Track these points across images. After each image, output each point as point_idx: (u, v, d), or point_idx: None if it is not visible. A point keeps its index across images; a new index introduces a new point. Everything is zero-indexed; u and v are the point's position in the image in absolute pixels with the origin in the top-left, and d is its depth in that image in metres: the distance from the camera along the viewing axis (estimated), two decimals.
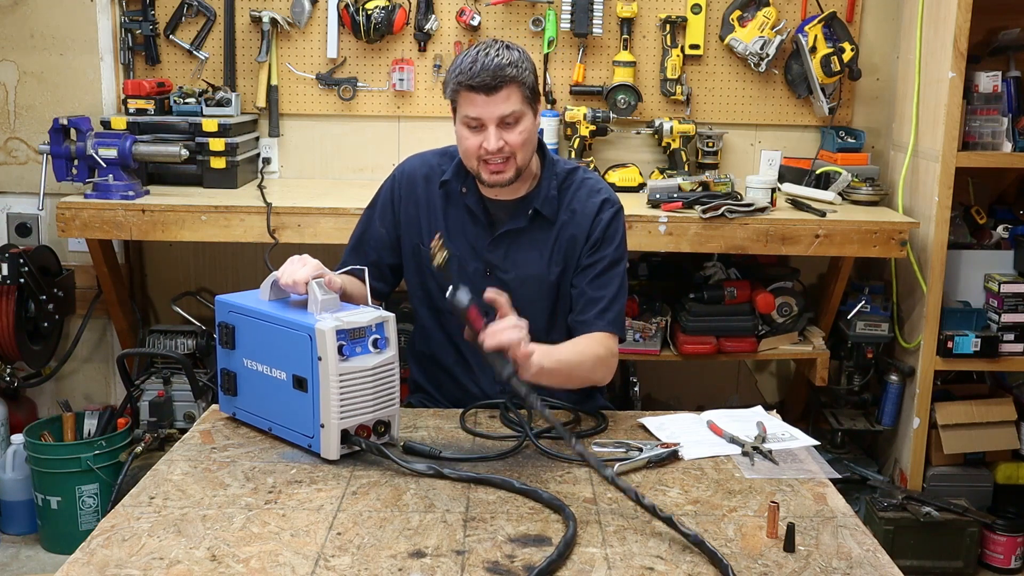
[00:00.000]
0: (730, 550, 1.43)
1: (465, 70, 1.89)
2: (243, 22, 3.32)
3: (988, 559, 3.03)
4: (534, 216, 2.04)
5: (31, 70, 3.33)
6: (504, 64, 1.89)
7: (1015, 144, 2.99)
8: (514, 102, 1.91)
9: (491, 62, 1.88)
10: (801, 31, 3.25)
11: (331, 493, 1.59)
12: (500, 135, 1.92)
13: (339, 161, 3.44)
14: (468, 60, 1.90)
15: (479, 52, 1.91)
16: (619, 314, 2.04)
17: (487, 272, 2.07)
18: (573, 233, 2.04)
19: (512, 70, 1.89)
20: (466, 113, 1.93)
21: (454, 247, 2.07)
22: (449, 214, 2.08)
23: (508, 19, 3.31)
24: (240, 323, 1.81)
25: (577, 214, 2.04)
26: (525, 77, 1.92)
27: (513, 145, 1.93)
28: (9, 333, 3.13)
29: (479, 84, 1.88)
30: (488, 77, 1.87)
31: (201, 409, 2.96)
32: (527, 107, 1.94)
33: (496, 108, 1.90)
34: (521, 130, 1.93)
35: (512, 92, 1.90)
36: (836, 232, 2.92)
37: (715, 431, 1.89)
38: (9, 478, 3.19)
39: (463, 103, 1.93)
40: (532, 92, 1.95)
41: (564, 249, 2.05)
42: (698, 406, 2.15)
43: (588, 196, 2.06)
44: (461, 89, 1.91)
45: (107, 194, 2.93)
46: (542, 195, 2.04)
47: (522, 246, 2.06)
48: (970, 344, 3.01)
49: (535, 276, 2.06)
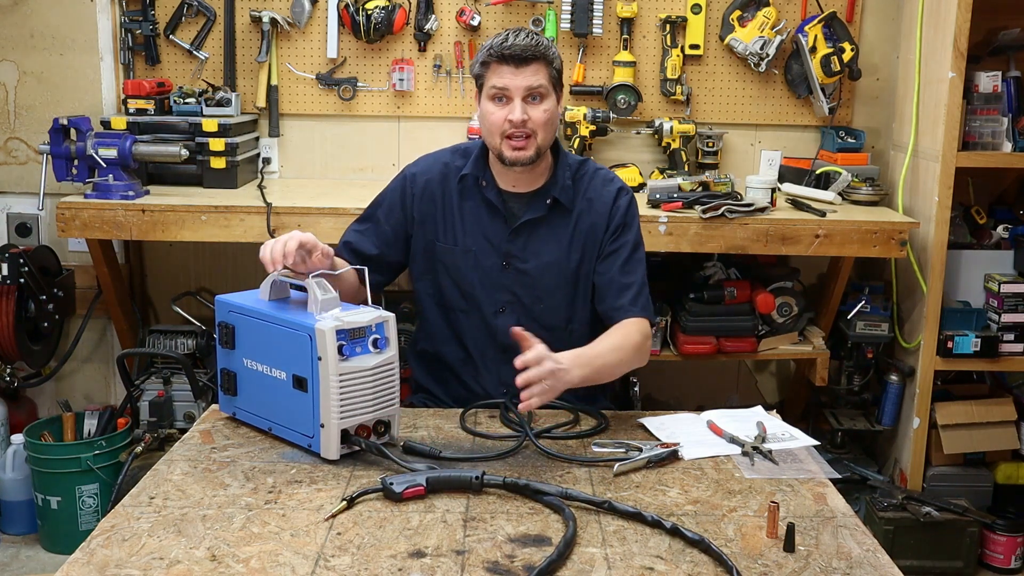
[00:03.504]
0: (730, 550, 1.43)
1: (497, 44, 1.98)
2: (243, 22, 3.32)
3: (988, 559, 3.03)
4: (553, 205, 2.08)
5: (31, 70, 3.33)
6: (535, 43, 1.98)
7: (1015, 144, 2.99)
8: (542, 77, 1.99)
9: (523, 39, 1.98)
10: (801, 31, 3.25)
11: (331, 493, 1.59)
12: (525, 108, 1.98)
13: (339, 161, 3.44)
14: (500, 38, 1.99)
15: (510, 32, 2.01)
16: (648, 298, 2.10)
17: (504, 264, 2.10)
18: (593, 221, 2.09)
19: (543, 48, 1.99)
20: (493, 84, 1.99)
21: (470, 241, 2.10)
22: (465, 208, 2.11)
23: (508, 19, 3.31)
24: (240, 323, 1.81)
25: (595, 202, 2.10)
26: (553, 58, 2.01)
27: (536, 122, 1.99)
28: (9, 333, 3.13)
29: (510, 55, 1.96)
30: (520, 49, 1.96)
31: (201, 409, 2.96)
32: (552, 88, 2.02)
33: (524, 79, 1.97)
34: (545, 108, 2.00)
35: (541, 68, 1.99)
36: (836, 232, 2.92)
37: (715, 431, 1.89)
38: (9, 478, 3.19)
39: (491, 75, 1.99)
40: (558, 75, 2.03)
41: (584, 237, 2.09)
42: (698, 406, 2.15)
43: (603, 185, 2.12)
44: (492, 61, 1.98)
45: (107, 194, 2.93)
46: (559, 184, 2.09)
47: (541, 236, 2.09)
48: (970, 344, 3.01)
49: (554, 264, 2.09)
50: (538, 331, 1.98)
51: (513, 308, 2.11)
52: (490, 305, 2.11)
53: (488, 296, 2.11)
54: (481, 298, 2.11)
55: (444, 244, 2.12)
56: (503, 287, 2.10)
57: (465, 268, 2.11)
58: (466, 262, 2.10)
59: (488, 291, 2.11)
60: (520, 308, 2.11)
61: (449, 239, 2.11)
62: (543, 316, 2.10)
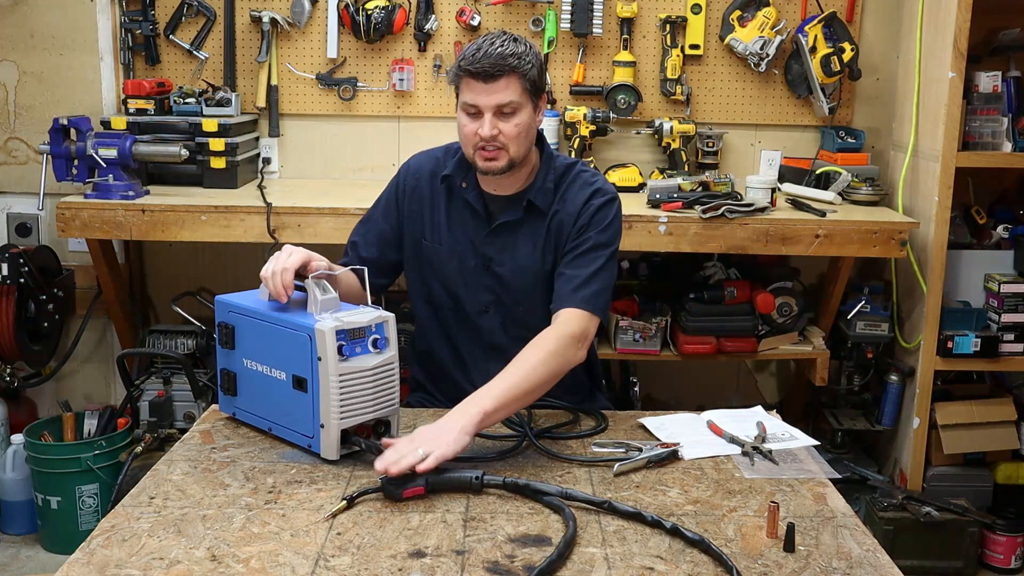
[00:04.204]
0: (730, 550, 1.43)
1: (468, 56, 1.92)
2: (243, 22, 3.32)
3: (988, 559, 3.03)
4: (528, 207, 2.05)
5: (31, 70, 3.33)
6: (506, 54, 1.90)
7: (1015, 144, 2.99)
8: (512, 92, 1.92)
9: (494, 51, 1.90)
10: (801, 31, 3.25)
11: (331, 493, 1.59)
12: (495, 123, 1.93)
13: (339, 161, 3.44)
14: (472, 48, 1.93)
15: (484, 41, 1.93)
16: (596, 293, 1.97)
17: (484, 266, 2.08)
18: (562, 219, 2.04)
19: (514, 60, 1.91)
20: (465, 99, 1.94)
21: (454, 242, 2.08)
22: (451, 209, 2.10)
23: (508, 19, 3.31)
24: (240, 323, 1.81)
25: (567, 203, 2.05)
26: (526, 69, 1.93)
27: (507, 135, 1.94)
28: (9, 333, 3.13)
29: (478, 71, 1.90)
30: (488, 65, 1.89)
31: (201, 409, 2.97)
32: (526, 99, 1.95)
33: (493, 97, 1.91)
34: (517, 122, 1.94)
35: (511, 83, 1.91)
36: (836, 232, 2.92)
37: (715, 431, 1.89)
38: (9, 478, 3.19)
39: (464, 89, 1.95)
40: (533, 85, 1.95)
41: (555, 238, 2.05)
42: (698, 406, 2.15)
43: (581, 188, 2.06)
44: (462, 74, 1.93)
45: (107, 194, 2.93)
46: (536, 187, 2.05)
47: (517, 239, 2.06)
48: (970, 344, 3.01)
49: (529, 268, 2.06)
50: (521, 332, 1.99)
51: (496, 309, 2.10)
52: (473, 305, 2.10)
53: (471, 296, 2.10)
54: (465, 298, 2.10)
55: (430, 243, 2.11)
56: (485, 288, 2.09)
57: (450, 268, 2.09)
58: (451, 262, 2.09)
59: (472, 291, 2.09)
60: (502, 309, 2.09)
61: (435, 238, 2.10)
62: (524, 317, 2.08)
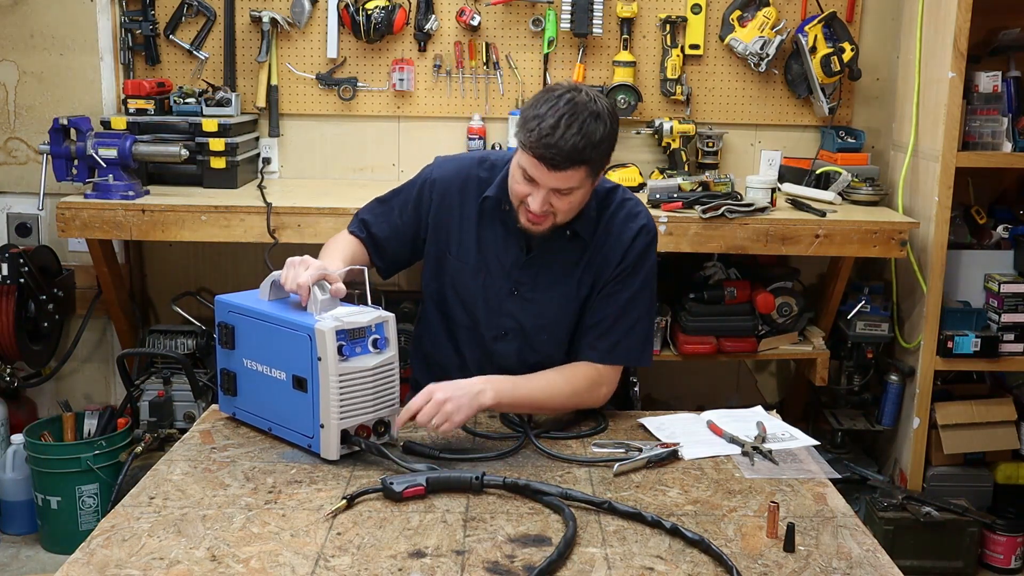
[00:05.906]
0: (730, 550, 1.43)
1: (542, 136, 1.75)
2: (243, 22, 3.32)
3: (988, 559, 3.03)
4: (572, 237, 1.98)
5: (31, 70, 3.33)
6: (581, 148, 1.76)
7: (1015, 144, 2.99)
8: (574, 180, 1.81)
9: (568, 142, 1.75)
10: (801, 31, 3.25)
11: (331, 493, 1.59)
12: (548, 199, 1.84)
13: (339, 161, 3.44)
14: (548, 125, 1.75)
15: (563, 119, 1.75)
16: (630, 347, 1.98)
17: (513, 291, 2.02)
18: (606, 255, 1.98)
19: (589, 153, 1.78)
20: (523, 164, 1.83)
21: (482, 263, 2.02)
22: (483, 228, 2.03)
23: (508, 19, 3.31)
24: (240, 323, 1.81)
25: (611, 237, 1.98)
26: (597, 160, 1.82)
27: (558, 210, 1.87)
28: (9, 333, 3.13)
29: (546, 159, 1.77)
30: (560, 158, 1.76)
31: (201, 409, 2.97)
32: (588, 180, 1.85)
33: (555, 181, 1.81)
34: (571, 200, 1.85)
35: (578, 172, 1.80)
36: (836, 232, 2.92)
37: (715, 431, 1.89)
38: (9, 478, 3.19)
39: (526, 155, 1.81)
40: (600, 167, 1.86)
41: (595, 270, 1.99)
42: (698, 406, 2.15)
43: (626, 220, 1.99)
44: (528, 149, 1.79)
45: (107, 194, 2.93)
46: (583, 216, 1.96)
47: (554, 267, 2.00)
48: (970, 344, 3.01)
49: (563, 296, 2.01)
50: (538, 359, 1.97)
51: (515, 335, 2.04)
52: (491, 329, 2.04)
53: (491, 320, 2.04)
54: (484, 321, 2.04)
55: (456, 259, 2.04)
56: (507, 313, 2.03)
57: (473, 288, 2.03)
58: (475, 282, 2.03)
59: (493, 316, 2.04)
60: (521, 336, 2.04)
61: (462, 255, 2.04)
62: (543, 346, 2.03)
